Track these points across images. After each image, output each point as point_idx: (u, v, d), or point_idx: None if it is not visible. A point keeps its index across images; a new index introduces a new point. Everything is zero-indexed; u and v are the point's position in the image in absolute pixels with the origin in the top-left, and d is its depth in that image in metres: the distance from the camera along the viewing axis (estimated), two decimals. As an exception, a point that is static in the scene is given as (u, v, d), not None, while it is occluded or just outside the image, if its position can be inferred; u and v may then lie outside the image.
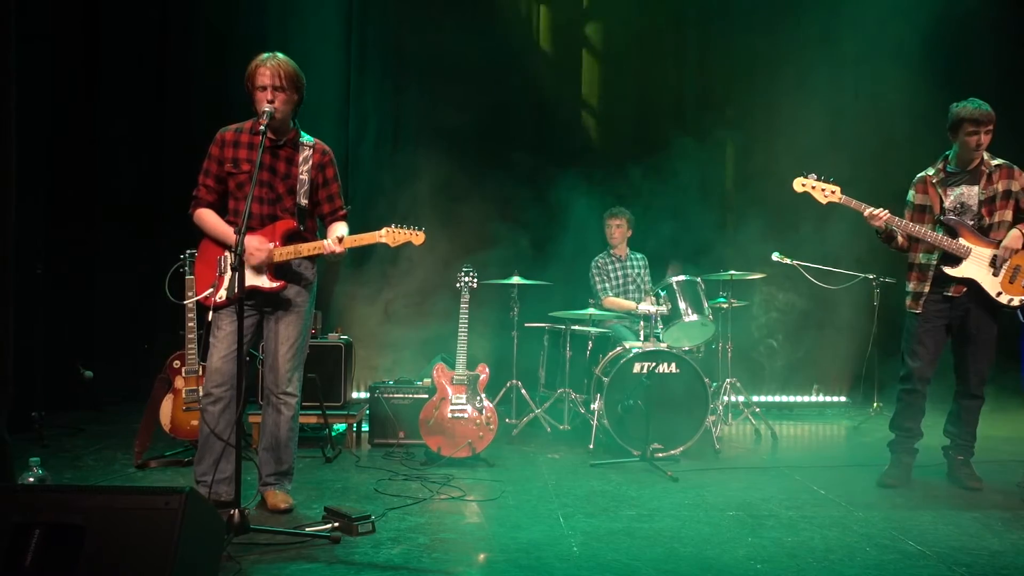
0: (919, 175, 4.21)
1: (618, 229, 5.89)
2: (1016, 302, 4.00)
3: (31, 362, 4.93)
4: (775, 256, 5.44)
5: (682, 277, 5.08)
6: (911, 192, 4.20)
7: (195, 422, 4.29)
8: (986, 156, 4.07)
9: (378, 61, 6.81)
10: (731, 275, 5.52)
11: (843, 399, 6.99)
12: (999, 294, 3.99)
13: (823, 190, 3.97)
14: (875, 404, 6.25)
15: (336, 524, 3.20)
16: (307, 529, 3.18)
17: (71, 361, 5.72)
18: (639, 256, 6.01)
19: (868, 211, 3.96)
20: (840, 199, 3.96)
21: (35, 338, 5.11)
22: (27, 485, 3.25)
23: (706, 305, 5.06)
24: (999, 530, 3.40)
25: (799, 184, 4.00)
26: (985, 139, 3.97)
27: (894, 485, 4.10)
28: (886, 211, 3.98)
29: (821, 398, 7.02)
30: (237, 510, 2.95)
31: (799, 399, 7.00)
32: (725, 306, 5.61)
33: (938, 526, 3.44)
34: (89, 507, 2.33)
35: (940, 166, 4.17)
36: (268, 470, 3.59)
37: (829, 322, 6.78)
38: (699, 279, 5.14)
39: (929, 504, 3.82)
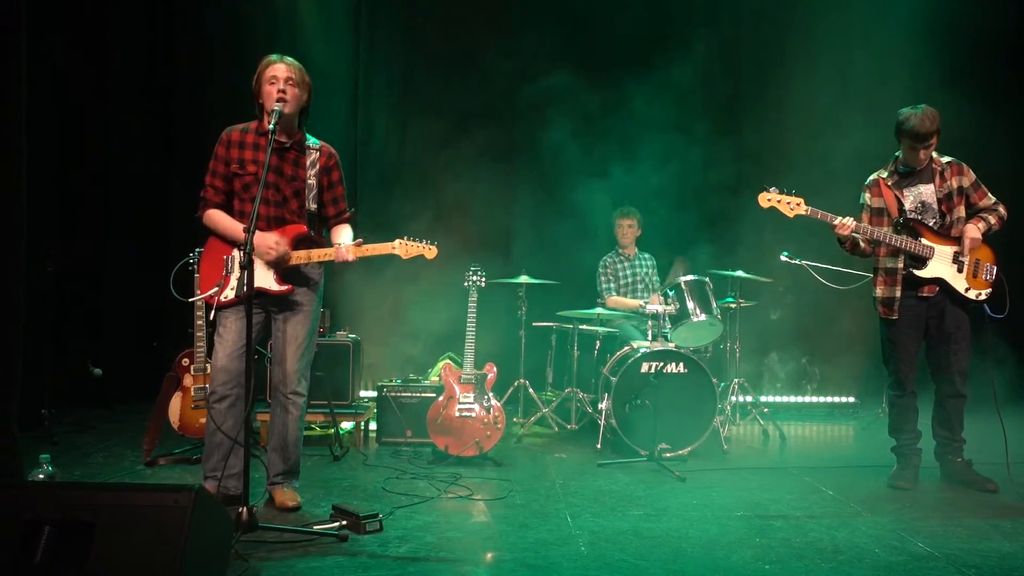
0: (871, 177, 4.21)
1: (629, 229, 5.89)
2: (983, 295, 4.06)
3: (41, 359, 4.95)
4: (783, 256, 5.42)
5: (691, 277, 5.07)
6: (865, 195, 4.19)
7: (204, 420, 4.27)
8: (935, 154, 4.09)
9: (386, 61, 6.81)
10: (739, 275, 5.50)
11: (851, 400, 6.97)
12: (967, 289, 4.05)
13: (788, 203, 3.93)
14: (884, 405, 6.22)
15: (344, 522, 3.21)
16: (315, 527, 3.19)
17: (81, 359, 5.75)
18: (647, 256, 6.00)
19: (838, 221, 3.93)
20: (805, 210, 3.93)
21: (45, 335, 5.13)
22: (37, 482, 3.29)
23: (714, 305, 5.05)
24: (1008, 532, 3.38)
25: (764, 199, 3.96)
26: (931, 150, 4.02)
27: (903, 487, 4.08)
28: (852, 220, 3.95)
29: (829, 399, 6.99)
30: (245, 508, 2.96)
31: (807, 400, 6.97)
32: (733, 306, 5.59)
33: (947, 528, 3.42)
34: (99, 504, 2.34)
35: (892, 167, 4.17)
36: (276, 470, 3.59)
37: (837, 323, 6.74)
38: (707, 279, 5.13)
39: (938, 505, 3.80)
